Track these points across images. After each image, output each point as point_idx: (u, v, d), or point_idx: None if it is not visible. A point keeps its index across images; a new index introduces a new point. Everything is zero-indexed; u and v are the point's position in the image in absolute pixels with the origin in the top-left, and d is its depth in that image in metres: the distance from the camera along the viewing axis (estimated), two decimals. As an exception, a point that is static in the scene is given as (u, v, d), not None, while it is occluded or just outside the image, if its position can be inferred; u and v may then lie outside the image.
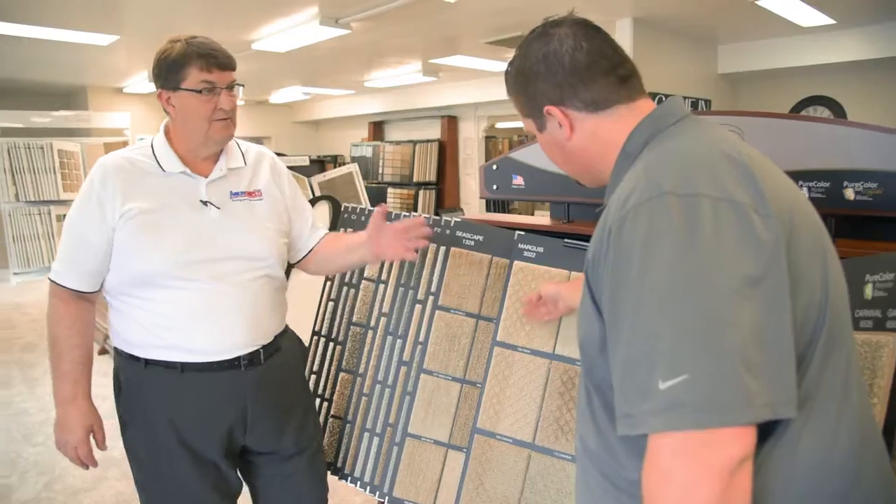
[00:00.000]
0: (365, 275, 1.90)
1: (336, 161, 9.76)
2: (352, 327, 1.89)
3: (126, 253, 1.47)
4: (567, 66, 0.94)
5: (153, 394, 1.53)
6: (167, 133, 1.57)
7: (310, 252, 1.76)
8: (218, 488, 1.58)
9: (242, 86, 1.55)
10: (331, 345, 1.91)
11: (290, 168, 5.46)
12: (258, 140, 11.42)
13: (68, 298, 1.52)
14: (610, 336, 0.78)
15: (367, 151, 8.88)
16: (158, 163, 1.52)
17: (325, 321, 1.93)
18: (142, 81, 8.03)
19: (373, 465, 1.82)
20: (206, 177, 1.54)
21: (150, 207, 1.47)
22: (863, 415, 0.82)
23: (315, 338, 1.94)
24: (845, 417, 0.78)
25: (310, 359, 1.92)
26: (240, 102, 1.51)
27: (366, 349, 1.86)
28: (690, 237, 0.71)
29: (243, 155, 1.63)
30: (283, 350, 1.64)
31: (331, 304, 1.93)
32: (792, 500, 0.75)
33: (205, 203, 1.52)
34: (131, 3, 4.62)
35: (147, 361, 1.51)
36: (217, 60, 1.47)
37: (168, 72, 1.48)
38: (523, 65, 1.00)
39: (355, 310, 1.89)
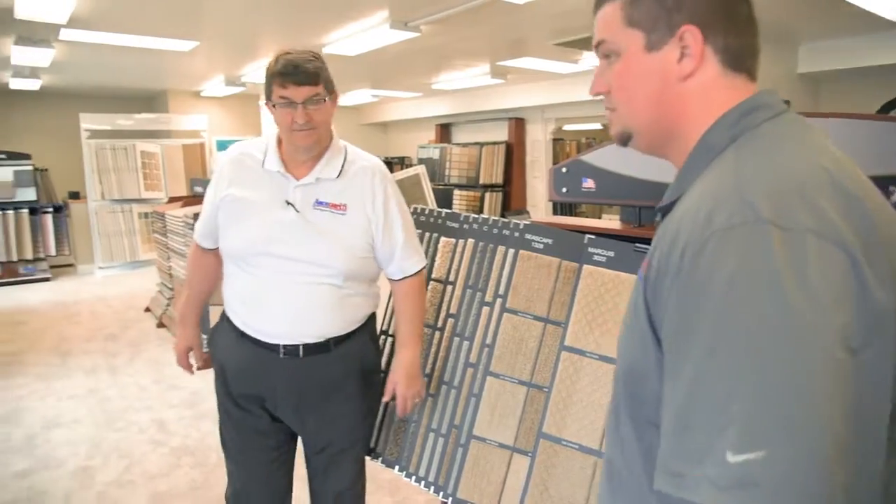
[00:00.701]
0: (433, 276, 1.92)
1: (403, 163, 9.88)
2: (420, 328, 1.91)
3: (221, 229, 1.72)
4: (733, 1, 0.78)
5: (220, 341, 1.79)
6: (279, 135, 1.71)
7: (396, 282, 1.80)
8: (257, 429, 1.79)
9: (324, 100, 1.61)
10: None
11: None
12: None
13: (195, 248, 1.90)
14: (669, 370, 0.66)
15: (434, 153, 8.94)
16: (264, 160, 1.68)
17: (393, 321, 1.95)
18: (219, 85, 8.33)
19: (437, 465, 1.83)
20: (299, 180, 1.65)
21: (244, 196, 1.67)
22: None
23: (383, 337, 1.97)
24: None
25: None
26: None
27: (432, 350, 1.88)
28: (794, 284, 0.58)
29: (343, 167, 1.68)
30: (334, 353, 1.71)
31: (396, 304, 1.96)
32: None
33: (288, 203, 1.63)
34: (211, 11, 4.81)
35: (225, 314, 1.78)
36: (292, 77, 1.55)
37: (265, 85, 1.62)
38: None
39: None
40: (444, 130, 10.42)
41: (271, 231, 1.63)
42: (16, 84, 7.93)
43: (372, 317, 1.84)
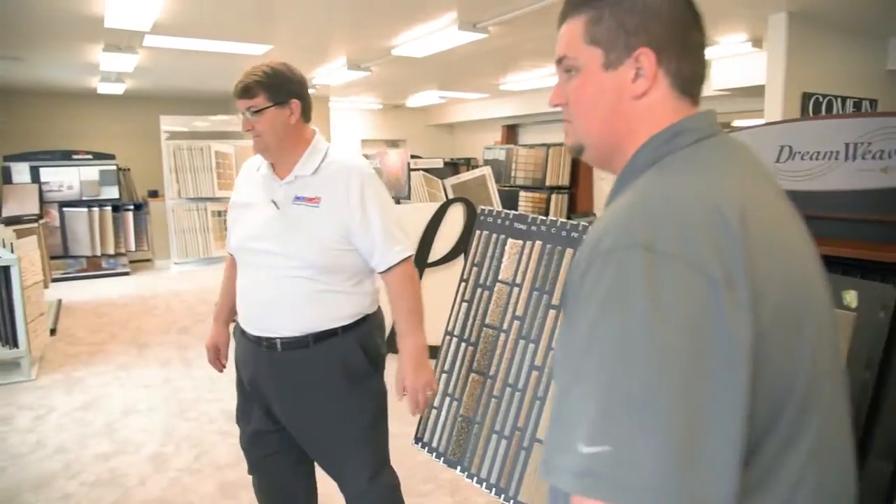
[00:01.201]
0: (500, 277, 1.91)
1: (469, 164, 9.88)
2: (484, 329, 1.90)
3: (227, 232, 1.94)
4: (688, 26, 0.83)
5: (235, 337, 1.96)
6: None
7: (383, 274, 1.85)
8: (246, 418, 1.97)
9: (245, 114, 1.74)
10: (462, 345, 1.93)
11: (425, 170, 5.57)
12: (394, 143, 11.80)
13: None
14: (556, 367, 0.74)
15: (500, 154, 8.91)
16: (259, 167, 1.85)
17: (458, 321, 1.95)
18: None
19: (499, 467, 1.82)
20: (282, 179, 1.80)
21: (241, 200, 1.88)
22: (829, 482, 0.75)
23: (447, 337, 1.97)
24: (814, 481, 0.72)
25: (441, 358, 1.96)
26: (374, 105, 1.62)
27: (497, 352, 1.87)
28: (652, 304, 0.65)
29: (321, 165, 1.79)
30: (313, 350, 1.78)
31: (464, 304, 1.95)
32: None
33: (273, 202, 1.78)
34: (284, 16, 4.94)
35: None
36: (236, 92, 1.74)
37: None
38: None
39: (489, 312, 1.90)
40: (511, 132, 10.37)
41: (256, 229, 1.79)
42: (103, 88, 8.38)
43: (365, 319, 1.85)
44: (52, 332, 5.37)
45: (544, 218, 1.83)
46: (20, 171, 8.00)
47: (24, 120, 9.53)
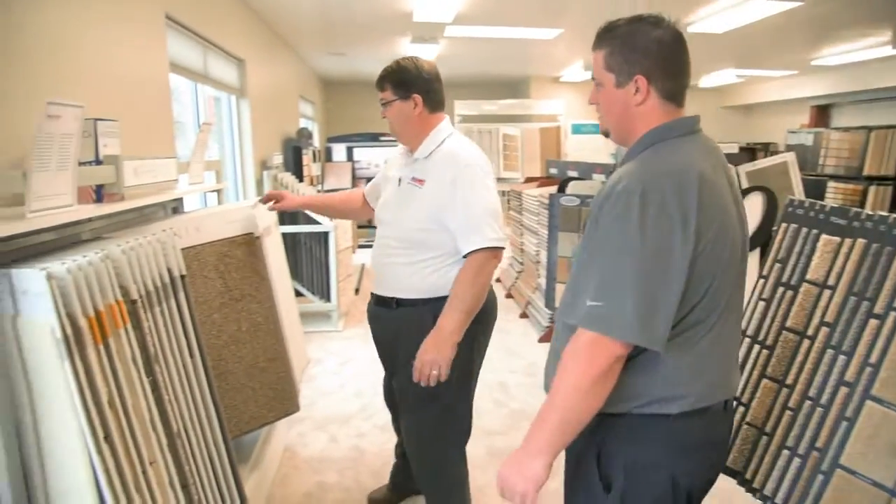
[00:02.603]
0: (807, 277, 1.69)
1: (768, 150, 8.94)
2: (784, 332, 1.70)
3: None
4: (670, 57, 1.25)
5: None
6: None
7: (464, 258, 1.93)
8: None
9: (386, 103, 1.99)
10: (756, 347, 1.76)
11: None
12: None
13: (361, 191, 2.44)
14: (577, 259, 1.26)
15: (807, 139, 7.89)
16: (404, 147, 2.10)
17: (753, 321, 1.78)
18: (577, 70, 8.56)
19: (788, 487, 1.63)
20: (409, 160, 2.03)
21: (388, 174, 2.15)
22: (727, 340, 1.28)
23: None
24: (716, 339, 1.23)
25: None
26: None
27: (798, 359, 1.66)
28: (640, 226, 1.13)
29: (434, 151, 1.97)
30: (395, 312, 2.04)
31: (762, 303, 1.77)
32: (679, 383, 1.22)
33: (399, 179, 2.04)
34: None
35: None
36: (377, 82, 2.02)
37: None
38: (634, 35, 1.24)
39: (791, 314, 1.70)
40: (821, 113, 9.10)
41: (385, 201, 2.10)
42: (408, 76, 9.25)
43: (445, 298, 1.93)
44: (356, 291, 6.15)
45: (872, 213, 1.57)
46: (339, 151, 9.27)
47: (343, 107, 10.99)
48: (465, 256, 1.91)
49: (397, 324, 2.05)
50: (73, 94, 2.10)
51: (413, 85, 1.95)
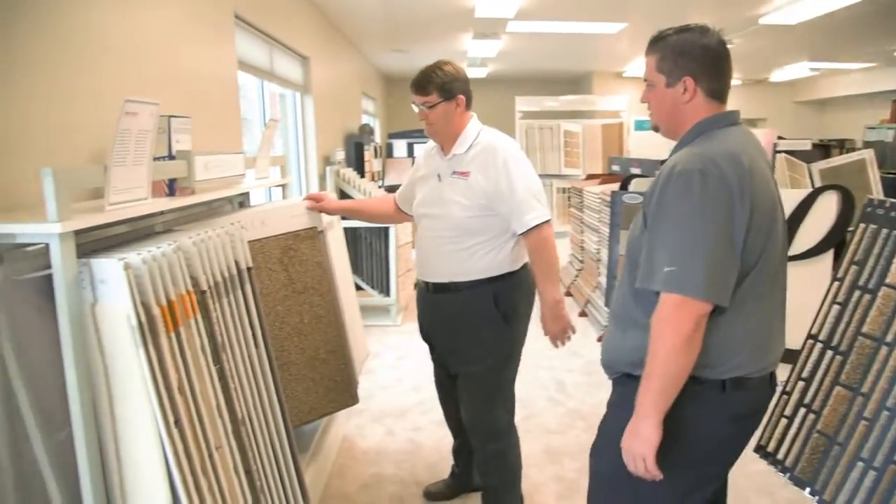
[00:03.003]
0: (887, 280, 1.61)
1: (843, 146, 8.55)
2: (860, 338, 1.63)
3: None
4: (715, 60, 1.42)
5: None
6: None
7: (522, 237, 2.11)
8: (432, 358, 2.50)
9: (421, 107, 2.14)
10: (829, 353, 1.69)
11: (788, 153, 4.96)
12: (752, 122, 10.81)
13: (393, 197, 2.58)
14: (648, 232, 1.36)
15: (887, 135, 7.51)
16: (433, 148, 2.26)
17: (827, 325, 1.71)
18: (641, 65, 8.37)
19: (862, 501, 1.55)
20: (446, 156, 2.17)
21: (419, 174, 2.32)
22: (772, 314, 1.43)
23: (810, 342, 1.74)
24: (764, 312, 1.40)
25: (800, 363, 1.74)
26: (732, 81, 1.61)
27: (875, 367, 1.58)
28: (702, 200, 1.28)
29: (472, 145, 2.14)
30: (455, 295, 2.17)
31: (836, 307, 1.69)
32: (729, 348, 1.35)
33: (438, 175, 2.18)
34: (644, -10, 4.83)
35: None
36: (412, 87, 2.15)
37: None
38: (684, 42, 1.42)
39: (868, 319, 1.62)
40: (903, 108, 8.63)
41: (426, 197, 2.23)
42: (469, 73, 9.25)
43: (502, 277, 2.15)
44: (415, 286, 6.20)
45: None
46: (399, 147, 9.34)
47: (404, 103, 11.06)
48: (521, 234, 2.11)
49: (461, 305, 2.19)
50: (148, 92, 2.19)
51: (457, 87, 2.15)
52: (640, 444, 1.34)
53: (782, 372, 2.11)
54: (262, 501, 1.76)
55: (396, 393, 3.80)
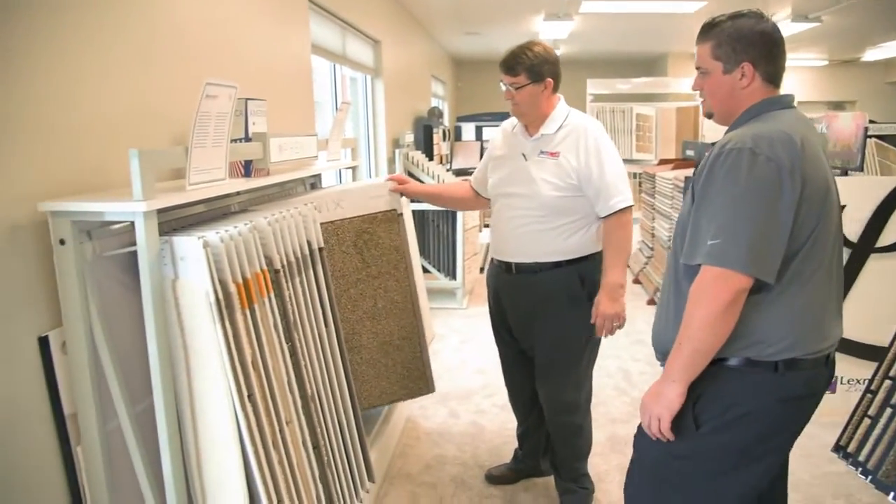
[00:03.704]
0: None
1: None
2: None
3: (489, 180, 2.33)
4: (772, 45, 1.41)
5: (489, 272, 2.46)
6: None
7: (604, 220, 2.13)
8: (503, 339, 2.46)
9: (509, 87, 2.12)
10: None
11: (878, 137, 4.67)
12: (839, 105, 10.25)
13: (468, 183, 2.54)
14: (695, 208, 1.37)
15: None
16: (513, 128, 2.25)
17: None
18: (720, 46, 8.05)
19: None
20: (531, 137, 2.17)
21: (497, 153, 2.30)
22: (826, 297, 1.40)
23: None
24: (814, 294, 1.37)
25: (887, 360, 1.64)
26: (817, 62, 1.64)
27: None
28: (749, 176, 1.28)
29: (562, 125, 2.14)
30: (540, 276, 2.17)
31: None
32: (777, 328, 1.35)
33: (522, 155, 2.17)
34: (726, -34, 4.62)
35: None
36: (502, 66, 2.14)
37: None
38: (741, 28, 1.41)
39: (966, 316, 1.52)
40: None
41: (509, 176, 2.20)
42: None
43: (587, 257, 2.17)
44: (481, 270, 6.20)
45: None
46: (468, 130, 9.34)
47: (473, 86, 11.03)
48: (604, 217, 2.12)
49: (547, 286, 2.18)
50: (225, 76, 2.25)
51: (546, 70, 2.11)
52: (662, 407, 1.38)
53: (866, 369, 2.00)
54: (329, 476, 1.81)
55: (461, 375, 3.82)
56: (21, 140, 1.33)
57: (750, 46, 1.40)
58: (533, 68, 2.09)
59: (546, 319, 2.21)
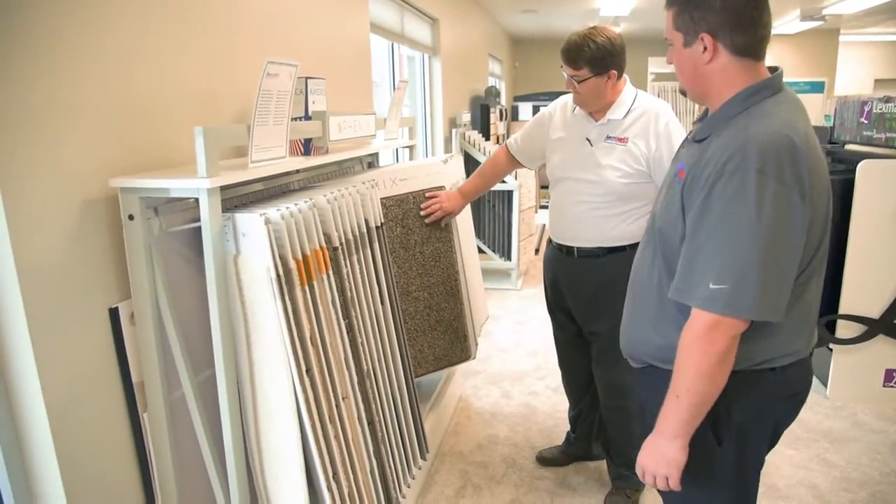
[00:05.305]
0: None
1: None
2: None
3: (546, 160, 2.32)
4: (735, 9, 1.18)
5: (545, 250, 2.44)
6: None
7: None
8: (560, 322, 2.45)
9: (578, 81, 2.04)
10: None
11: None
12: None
13: (504, 151, 2.48)
14: (689, 237, 1.20)
15: None
16: (575, 108, 2.20)
17: None
18: (793, 21, 7.70)
19: None
20: (597, 122, 2.12)
21: (556, 135, 2.25)
22: (817, 294, 1.29)
23: None
24: (814, 295, 1.28)
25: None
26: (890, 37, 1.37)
27: None
28: (759, 205, 1.10)
29: (630, 110, 2.08)
30: (603, 260, 2.15)
31: None
32: (781, 344, 1.26)
33: (587, 140, 2.12)
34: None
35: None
36: (563, 57, 2.07)
37: None
38: None
39: None
40: None
41: (573, 160, 2.16)
42: (600, 32, 8.90)
43: None
44: (536, 251, 6.16)
45: None
46: (525, 110, 9.22)
47: (530, 65, 10.87)
48: None
49: (609, 271, 2.14)
50: (285, 55, 2.28)
51: (610, 63, 2.04)
52: (667, 467, 1.24)
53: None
54: (384, 451, 1.84)
55: (514, 357, 3.82)
56: (90, 118, 1.37)
57: (708, 12, 1.18)
58: (595, 61, 2.01)
59: (607, 303, 2.15)
